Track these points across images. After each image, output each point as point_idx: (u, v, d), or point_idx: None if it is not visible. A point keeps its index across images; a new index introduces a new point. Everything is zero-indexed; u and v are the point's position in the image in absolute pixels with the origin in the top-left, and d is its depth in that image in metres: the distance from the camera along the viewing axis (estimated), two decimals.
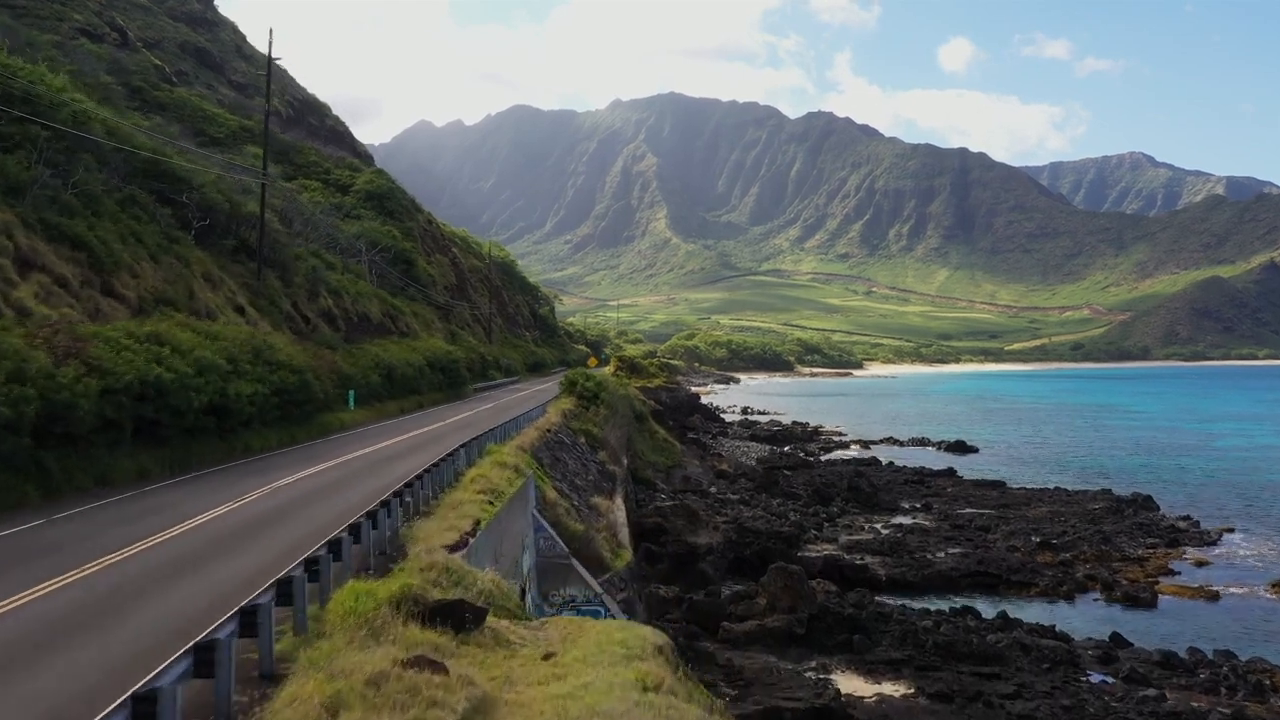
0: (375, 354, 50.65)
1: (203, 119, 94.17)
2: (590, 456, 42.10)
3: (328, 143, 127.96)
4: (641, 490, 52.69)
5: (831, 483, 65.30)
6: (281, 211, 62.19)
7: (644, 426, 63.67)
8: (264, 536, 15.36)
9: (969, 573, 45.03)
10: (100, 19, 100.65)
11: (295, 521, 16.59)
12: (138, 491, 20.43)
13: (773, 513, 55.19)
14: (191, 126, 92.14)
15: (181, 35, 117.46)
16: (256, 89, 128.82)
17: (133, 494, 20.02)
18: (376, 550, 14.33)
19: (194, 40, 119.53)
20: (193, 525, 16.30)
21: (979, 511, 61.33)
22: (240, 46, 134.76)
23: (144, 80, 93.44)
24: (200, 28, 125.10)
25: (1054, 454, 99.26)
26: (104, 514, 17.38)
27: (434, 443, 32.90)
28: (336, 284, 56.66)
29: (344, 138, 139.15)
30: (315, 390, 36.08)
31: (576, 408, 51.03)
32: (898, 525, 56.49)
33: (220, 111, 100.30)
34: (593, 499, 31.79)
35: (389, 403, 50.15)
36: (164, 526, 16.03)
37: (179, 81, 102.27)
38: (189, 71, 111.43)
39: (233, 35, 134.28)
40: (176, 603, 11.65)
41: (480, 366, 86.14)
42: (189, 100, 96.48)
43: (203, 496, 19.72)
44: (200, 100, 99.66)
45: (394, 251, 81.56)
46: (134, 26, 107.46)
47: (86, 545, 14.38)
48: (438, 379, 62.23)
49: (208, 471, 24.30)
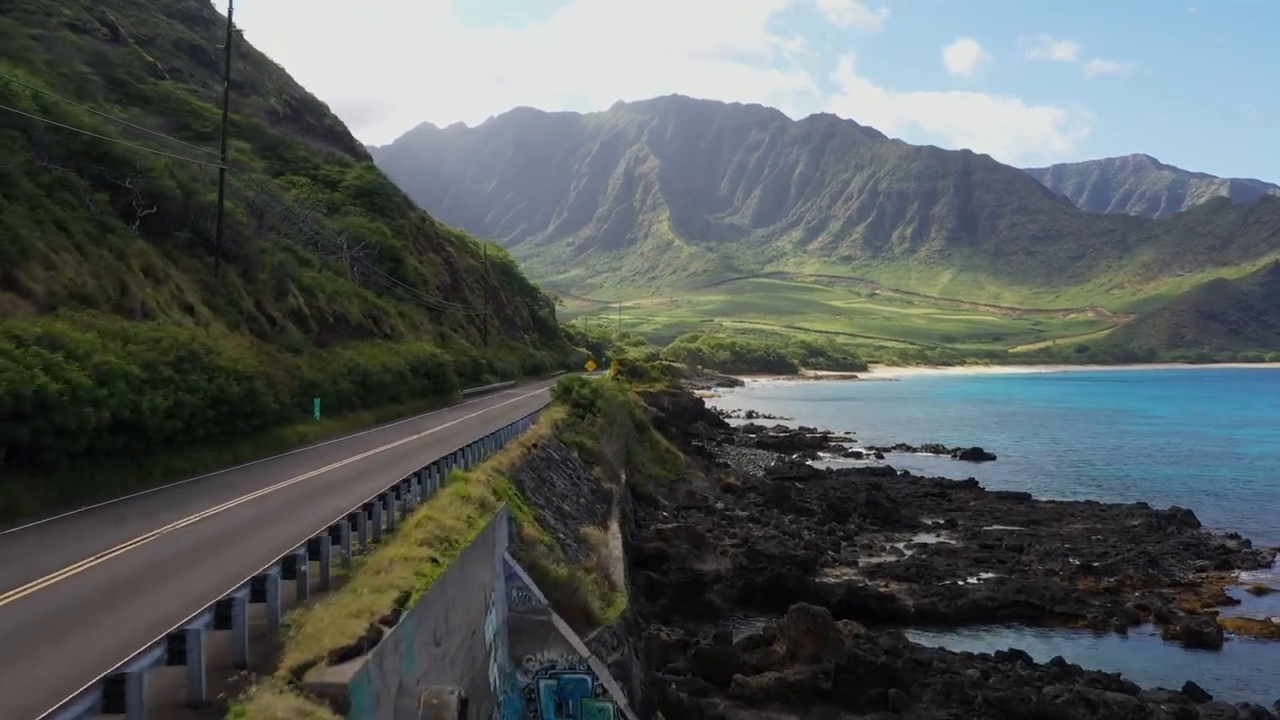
0: (348, 358, 45.97)
1: (189, 113, 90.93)
2: (583, 473, 37.39)
3: (327, 143, 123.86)
4: (642, 507, 47.97)
5: (847, 497, 60.48)
6: (252, 203, 57.57)
7: (644, 436, 58.81)
8: (61, 640, 10.46)
9: (1008, 603, 40.29)
10: (90, 14, 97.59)
11: (132, 608, 11.68)
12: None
13: (785, 531, 50.43)
14: (177, 120, 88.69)
15: (176, 33, 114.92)
16: (253, 87, 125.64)
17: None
18: (232, 658, 9.64)
19: (189, 38, 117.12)
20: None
21: (1008, 529, 56.54)
22: (238, 45, 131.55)
23: (128, 73, 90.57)
24: (196, 25, 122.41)
25: (1076, 463, 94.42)
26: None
27: (400, 461, 28.24)
28: (310, 282, 51.97)
29: (342, 137, 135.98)
30: (266, 400, 31.39)
31: (570, 417, 46.31)
32: (921, 545, 51.71)
33: (207, 105, 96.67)
34: (583, 529, 27.08)
35: (363, 412, 45.45)
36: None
37: (171, 78, 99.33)
38: (183, 69, 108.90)
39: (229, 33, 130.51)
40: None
41: (472, 370, 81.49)
42: (175, 94, 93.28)
43: (55, 548, 15.02)
44: (187, 95, 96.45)
45: (380, 248, 76.91)
46: (127, 23, 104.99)
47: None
48: (422, 385, 57.56)
49: (101, 505, 19.59)
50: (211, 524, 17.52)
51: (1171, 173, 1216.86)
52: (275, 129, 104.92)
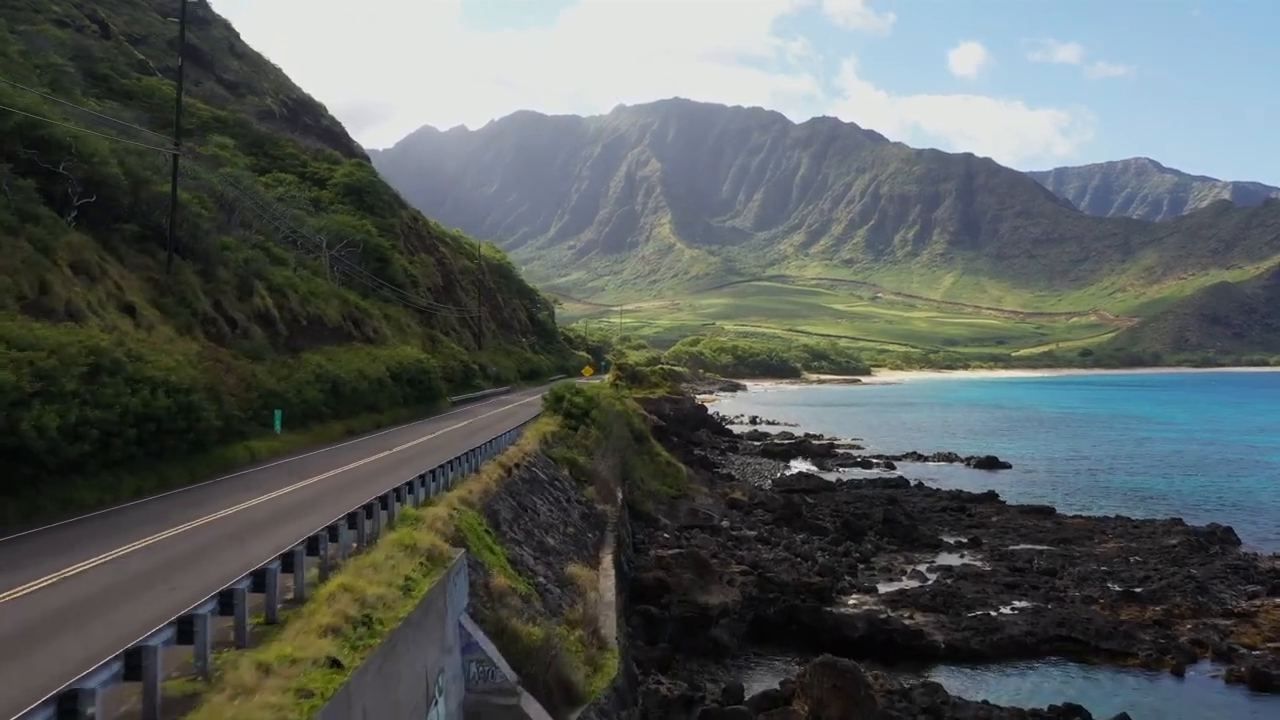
0: (317, 364, 41.82)
1: (172, 109, 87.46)
2: (574, 495, 33.24)
3: (324, 144, 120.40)
4: (641, 528, 43.75)
5: (862, 513, 56.16)
6: (223, 197, 53.49)
7: (644, 448, 54.49)
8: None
9: (1048, 637, 36.08)
10: (80, 11, 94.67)
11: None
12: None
13: (796, 553, 46.20)
14: (162, 116, 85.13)
15: (170, 31, 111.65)
16: (249, 87, 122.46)
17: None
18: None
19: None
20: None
21: (1036, 548, 52.28)
22: (233, 44, 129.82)
23: (111, 68, 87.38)
24: (191, 25, 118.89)
25: (1096, 472, 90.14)
26: None
27: (357, 487, 24.16)
28: (282, 281, 47.84)
29: (340, 138, 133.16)
30: (207, 415, 27.25)
31: (561, 429, 42.15)
32: (945, 567, 47.47)
33: (192, 101, 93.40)
34: (568, 568, 22.91)
35: (334, 423, 41.32)
36: None
37: (165, 77, 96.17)
38: (176, 68, 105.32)
39: (225, 33, 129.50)
40: None
41: (463, 376, 77.39)
42: (160, 89, 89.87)
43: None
44: (172, 90, 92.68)
45: (364, 247, 72.80)
46: (119, 21, 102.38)
47: None
48: (405, 392, 53.45)
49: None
50: (51, 595, 13.20)
51: (1174, 176, 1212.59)
52: (269, 128, 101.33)
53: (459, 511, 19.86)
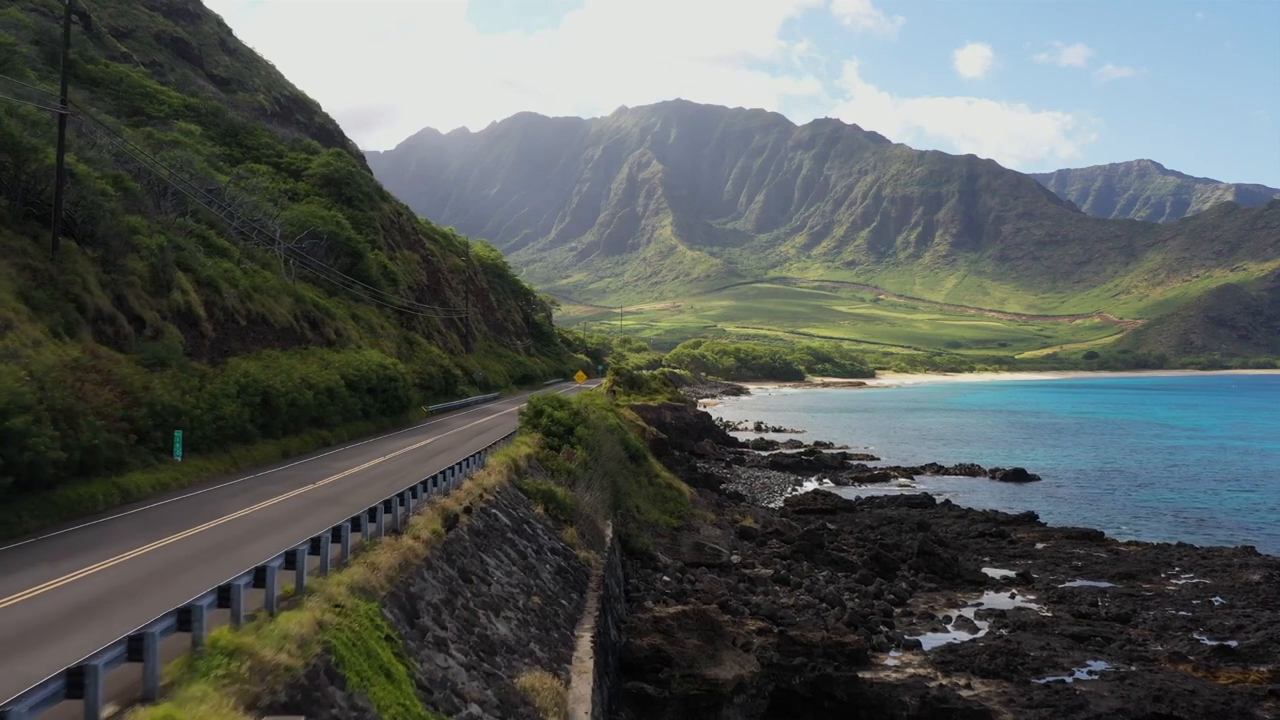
0: (244, 372, 34.58)
1: (141, 96, 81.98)
2: (548, 539, 26.02)
3: (318, 142, 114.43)
4: (636, 568, 36.43)
5: (893, 543, 48.78)
6: (151, 175, 46.25)
7: (641, 469, 46.90)
8: None
9: (1143, 715, 28.83)
10: (60, 1, 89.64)
11: None
12: None
13: (820, 595, 38.88)
14: (128, 104, 79.26)
15: (158, 25, 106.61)
16: (240, 83, 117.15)
17: None
18: None
19: (171, 30, 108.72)
20: None
21: (1096, 585, 45.00)
22: (224, 40, 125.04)
23: (78, 54, 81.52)
24: (180, 19, 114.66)
25: (1134, 487, 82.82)
26: None
27: (231, 551, 16.96)
28: (215, 274, 40.62)
29: (334, 136, 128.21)
30: (37, 444, 20.05)
31: (540, 451, 34.87)
32: (995, 612, 40.16)
33: (163, 89, 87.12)
34: (521, 679, 15.55)
35: (264, 444, 34.11)
36: None
37: (153, 72, 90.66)
38: (164, 63, 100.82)
39: (216, 28, 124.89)
40: None
41: (444, 382, 70.24)
42: (129, 77, 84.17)
43: None
44: (143, 78, 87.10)
45: (333, 240, 65.65)
46: (105, 14, 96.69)
47: None
48: (365, 403, 46.31)
49: None
50: None
51: (1176, 178, 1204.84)
52: (226, 106, 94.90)
53: (341, 613, 12.64)
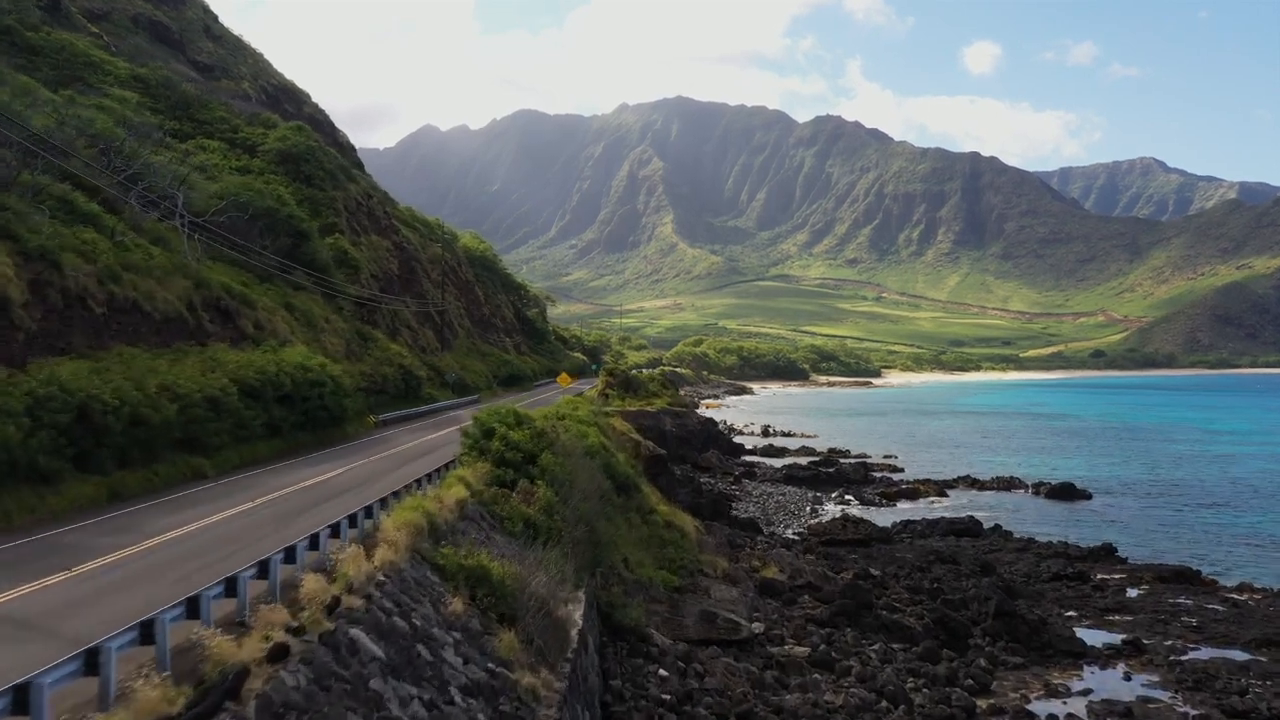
0: (48, 378, 23.91)
1: (85, 65, 73.05)
2: (465, 661, 15.46)
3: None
4: (621, 655, 25.69)
5: (957, 596, 37.80)
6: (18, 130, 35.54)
7: (632, 501, 35.53)
8: None
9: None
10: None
11: None
12: None
13: (875, 688, 28.21)
14: (70, 73, 70.03)
15: (135, 8, 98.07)
16: (224, 70, 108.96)
17: None
18: None
19: (149, 14, 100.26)
20: None
21: (1228, 655, 34.38)
22: (209, 26, 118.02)
23: (17, 20, 72.81)
24: (162, 3, 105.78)
25: (1202, 506, 72.18)
26: None
27: None
28: (49, 244, 29.94)
29: (323, 125, 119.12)
30: None
31: (486, 489, 24.22)
32: (1113, 703, 29.50)
33: (110, 59, 77.86)
34: None
35: (73, 485, 23.47)
36: None
37: (137, 62, 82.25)
38: (144, 48, 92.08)
39: (201, 14, 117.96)
40: None
41: (405, 386, 59.65)
42: (71, 44, 75.04)
43: None
44: (90, 47, 77.97)
45: (267, 216, 55.06)
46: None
47: None
48: (273, 416, 35.67)
49: None
50: None
51: (1179, 176, 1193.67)
52: (178, 78, 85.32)
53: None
